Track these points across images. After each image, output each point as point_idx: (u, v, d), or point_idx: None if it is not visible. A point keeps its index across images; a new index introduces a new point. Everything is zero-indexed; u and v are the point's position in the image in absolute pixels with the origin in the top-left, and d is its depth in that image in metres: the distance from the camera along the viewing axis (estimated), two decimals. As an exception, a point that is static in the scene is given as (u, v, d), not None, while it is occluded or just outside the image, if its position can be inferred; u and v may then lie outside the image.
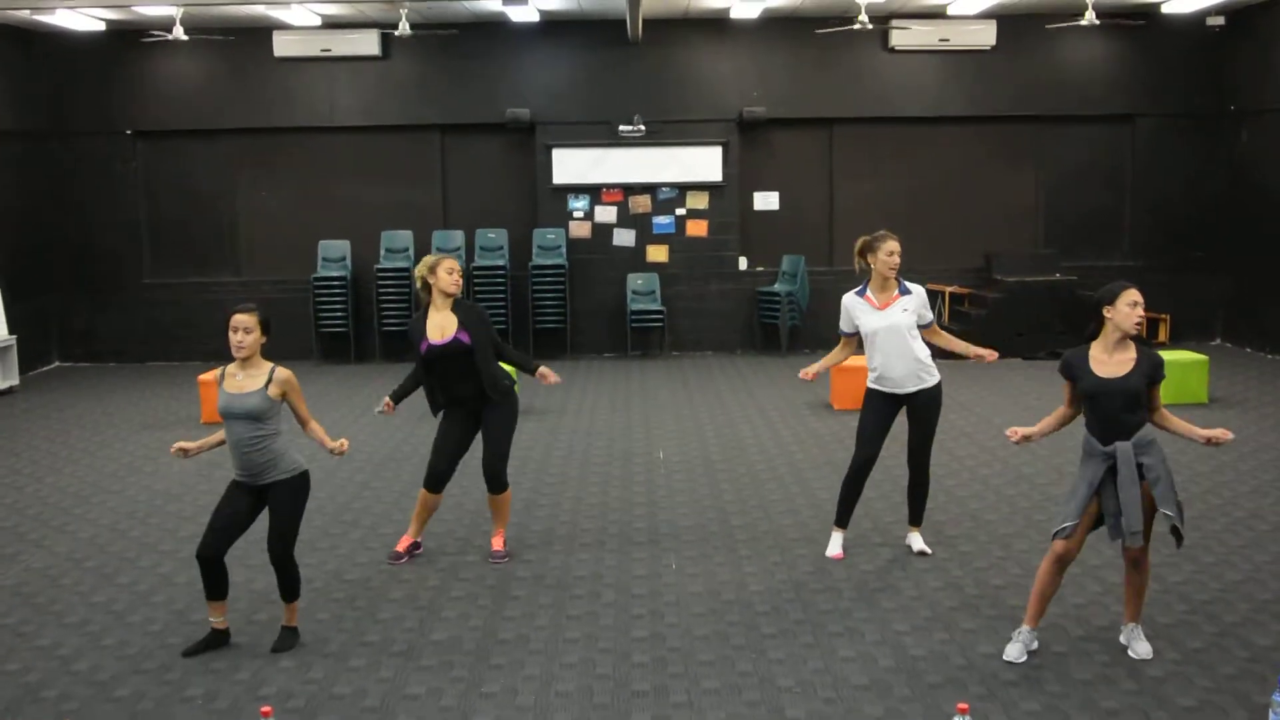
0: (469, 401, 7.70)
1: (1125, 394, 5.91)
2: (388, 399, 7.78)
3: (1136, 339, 6.04)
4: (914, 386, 7.57)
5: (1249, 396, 13.06)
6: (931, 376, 7.62)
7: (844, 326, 7.72)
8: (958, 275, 16.97)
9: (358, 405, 13.42)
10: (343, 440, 6.59)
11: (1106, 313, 5.98)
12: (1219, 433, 6.08)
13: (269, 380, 6.32)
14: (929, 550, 7.83)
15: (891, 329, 7.50)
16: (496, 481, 7.80)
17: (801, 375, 7.75)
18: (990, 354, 7.72)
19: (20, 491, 9.98)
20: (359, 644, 6.51)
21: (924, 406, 7.62)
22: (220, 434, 6.48)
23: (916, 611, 6.84)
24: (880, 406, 7.64)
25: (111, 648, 6.53)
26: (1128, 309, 5.96)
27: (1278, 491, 9.20)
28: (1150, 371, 5.97)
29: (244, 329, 6.26)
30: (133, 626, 6.84)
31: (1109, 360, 5.99)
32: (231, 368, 6.39)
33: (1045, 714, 5.51)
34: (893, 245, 7.52)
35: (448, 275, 7.61)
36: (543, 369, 7.82)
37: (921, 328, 7.61)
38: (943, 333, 7.84)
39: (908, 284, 7.67)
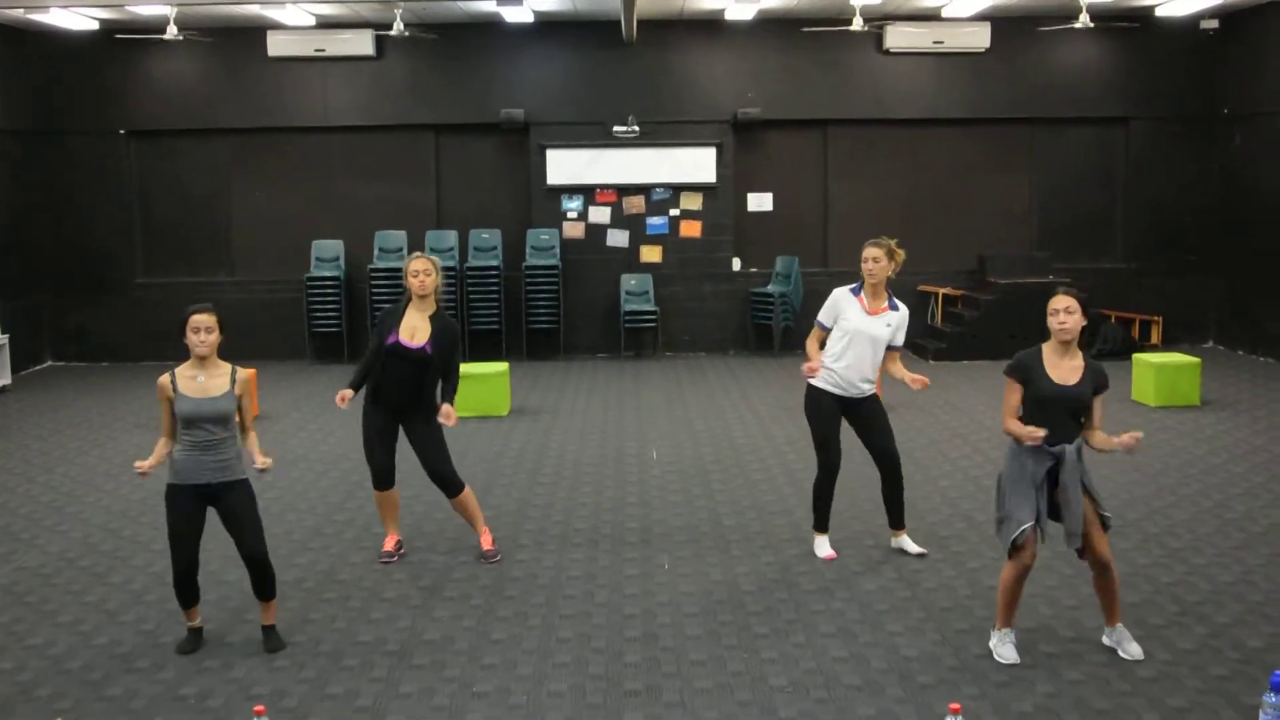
0: (396, 405, 7.68)
1: (1077, 401, 5.92)
2: (345, 390, 7.71)
3: (1084, 345, 6.05)
4: (857, 394, 7.66)
5: (1241, 399, 13.09)
6: (872, 386, 7.75)
7: (825, 319, 7.72)
8: (951, 277, 16.98)
9: (350, 406, 13.38)
10: (269, 460, 6.43)
11: (1047, 319, 6.00)
12: (1129, 438, 5.93)
13: (233, 380, 6.27)
14: (925, 551, 7.84)
15: (872, 338, 7.58)
16: (449, 485, 7.77)
17: (807, 370, 7.69)
18: (923, 381, 7.64)
19: (12, 491, 9.96)
20: (352, 643, 6.51)
21: (870, 409, 7.72)
22: (164, 442, 6.31)
23: (909, 612, 6.85)
24: (832, 410, 7.68)
25: (104, 647, 6.52)
26: (1051, 316, 5.98)
27: (1269, 494, 9.23)
28: (1095, 380, 5.96)
29: (205, 328, 6.20)
30: (125, 625, 6.83)
31: (1061, 365, 5.97)
32: (185, 369, 6.26)
33: (1037, 714, 5.52)
34: (870, 252, 7.56)
35: (413, 278, 7.60)
36: (446, 408, 7.58)
37: (890, 348, 7.66)
38: (899, 361, 7.79)
39: (898, 301, 7.74)
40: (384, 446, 7.76)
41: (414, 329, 7.56)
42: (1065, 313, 5.94)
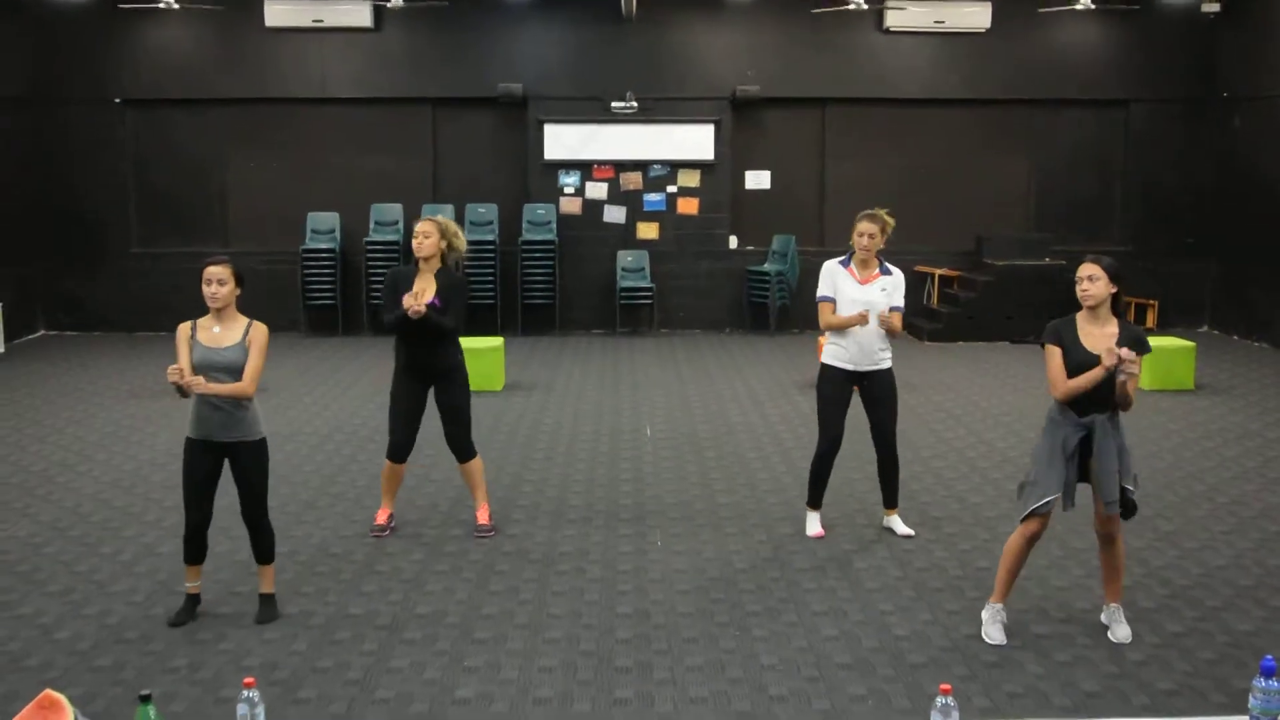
0: (421, 370, 7.67)
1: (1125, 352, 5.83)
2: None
3: (1118, 312, 6.03)
4: (870, 366, 7.60)
5: (1235, 383, 13.10)
6: (887, 359, 7.68)
7: (826, 291, 7.61)
8: (948, 257, 16.96)
9: (345, 378, 13.40)
10: (200, 380, 6.03)
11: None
12: (1125, 353, 5.71)
13: (246, 332, 6.25)
14: (912, 533, 7.85)
15: (868, 304, 7.51)
16: (462, 450, 7.81)
17: (860, 318, 7.44)
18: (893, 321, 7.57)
19: (4, 460, 9.94)
20: (343, 616, 6.51)
21: (880, 387, 7.67)
22: (186, 368, 6.11)
23: (900, 592, 6.86)
24: (839, 385, 7.65)
25: (94, 617, 6.51)
26: (1076, 284, 5.99)
27: (1261, 478, 9.24)
28: (1132, 345, 5.92)
29: (218, 280, 6.18)
30: (115, 596, 6.82)
31: (1094, 333, 5.95)
32: (205, 320, 6.27)
33: (1026, 695, 5.54)
34: (864, 226, 7.51)
35: (414, 240, 7.58)
36: (407, 296, 7.36)
37: (892, 309, 7.61)
38: (899, 324, 7.72)
39: (889, 265, 7.68)
40: (408, 420, 7.75)
41: (422, 290, 7.53)
42: (1088, 280, 5.92)
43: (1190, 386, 12.61)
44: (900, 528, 7.88)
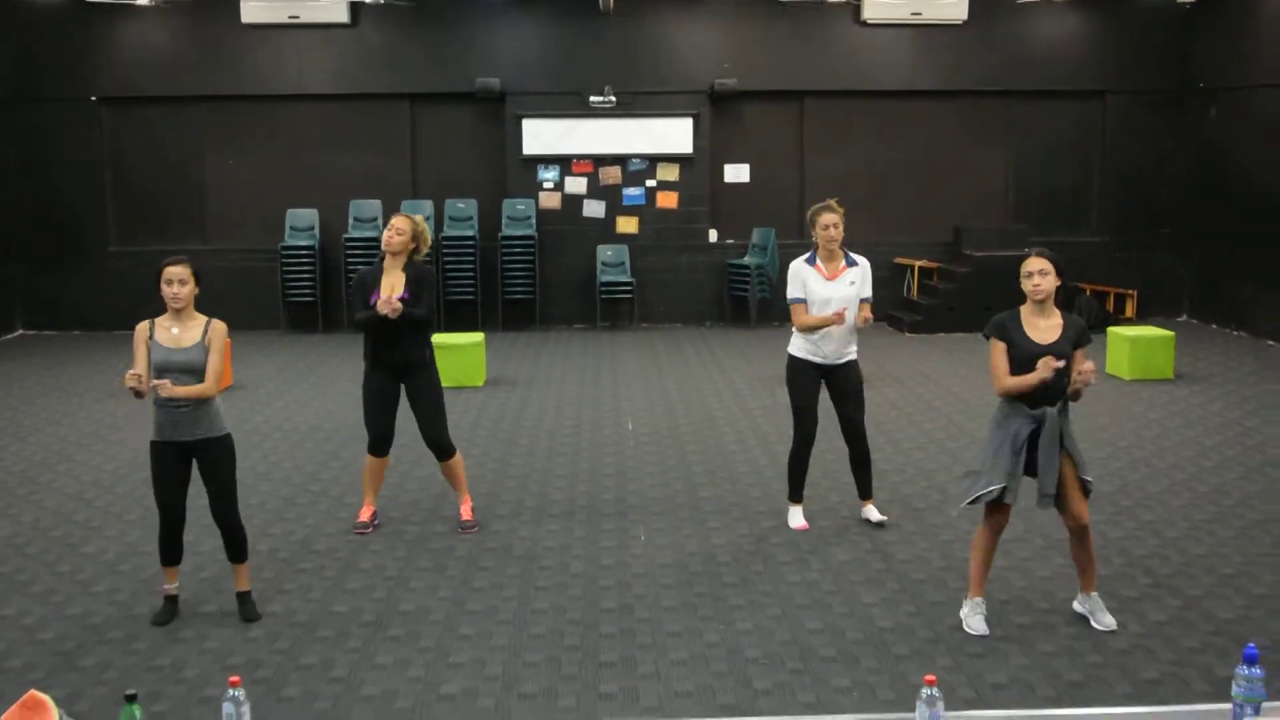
0: (393, 366, 7.66)
1: (1060, 358, 5.89)
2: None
3: (1061, 303, 6.07)
4: (838, 359, 7.64)
5: (1214, 373, 13.16)
6: (853, 350, 7.73)
7: (796, 292, 7.62)
8: (926, 249, 16.99)
9: (325, 375, 13.37)
10: (167, 383, 6.06)
11: (1020, 282, 6.02)
12: (1086, 369, 5.91)
13: (206, 331, 6.23)
14: (886, 518, 7.89)
15: (841, 301, 7.52)
16: (441, 448, 7.80)
17: (835, 318, 7.41)
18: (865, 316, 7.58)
19: (-16, 460, 9.90)
20: (327, 614, 6.50)
21: (848, 378, 7.72)
22: (143, 371, 6.13)
23: (884, 584, 6.87)
24: (812, 378, 7.68)
25: (77, 617, 6.49)
26: (1025, 279, 6.00)
27: (1241, 467, 9.29)
28: (1076, 336, 5.98)
29: (179, 280, 6.16)
30: (98, 596, 6.80)
31: (1039, 325, 6.00)
32: (163, 320, 6.26)
33: (1011, 685, 5.56)
34: (828, 218, 7.53)
35: (387, 232, 7.61)
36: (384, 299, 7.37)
37: (861, 301, 7.63)
38: (868, 310, 7.71)
39: (854, 255, 7.70)
40: (384, 412, 7.74)
41: (392, 286, 7.54)
42: (1039, 274, 5.95)
43: (1170, 376, 12.67)
44: (873, 515, 7.91)
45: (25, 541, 7.77)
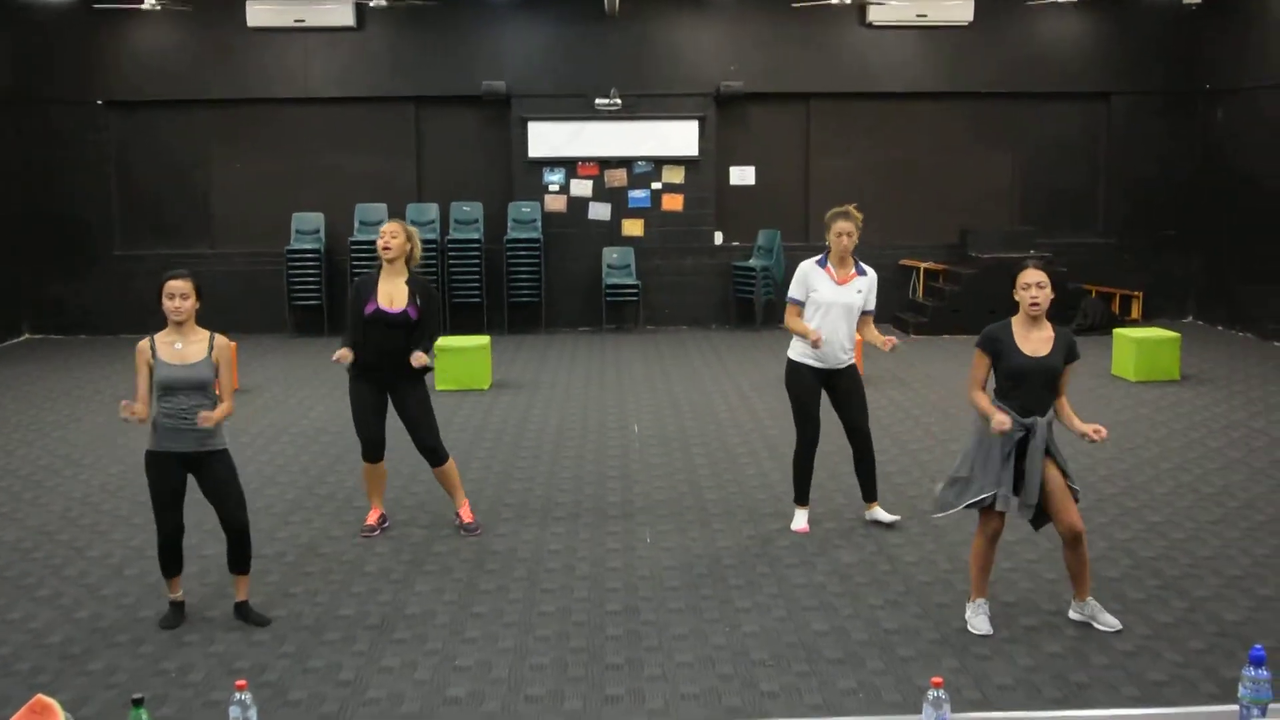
0: (383, 374, 7.64)
1: (1048, 372, 5.93)
2: (343, 350, 7.58)
3: (1054, 316, 6.07)
4: (836, 364, 7.67)
5: (1220, 374, 13.14)
6: (851, 356, 7.76)
7: (796, 294, 7.67)
8: (932, 251, 16.99)
9: (330, 378, 13.37)
10: (218, 414, 6.21)
11: (1015, 293, 6.00)
12: (1093, 428, 5.93)
13: (211, 347, 6.24)
14: (897, 517, 7.89)
15: (845, 307, 7.57)
16: (434, 455, 7.78)
17: (813, 341, 7.41)
18: (891, 341, 7.63)
19: (-9, 464, 9.92)
20: (333, 617, 6.50)
21: (849, 381, 7.74)
22: (143, 395, 6.26)
23: (890, 585, 6.87)
24: (812, 382, 7.70)
25: (84, 621, 6.50)
26: (1023, 291, 5.97)
27: (1247, 468, 9.27)
28: (1066, 350, 5.98)
29: (180, 294, 6.17)
30: (105, 600, 6.81)
31: (1030, 338, 5.98)
32: (164, 336, 6.26)
33: (1017, 687, 5.55)
34: (844, 226, 7.56)
35: (380, 239, 7.59)
36: (417, 354, 7.49)
37: (864, 312, 7.67)
38: (871, 324, 7.81)
39: (865, 266, 7.75)
40: (374, 418, 7.73)
41: (391, 295, 7.53)
42: (1038, 288, 5.93)
43: (1176, 377, 12.66)
44: (884, 516, 7.93)
45: (32, 545, 7.78)
